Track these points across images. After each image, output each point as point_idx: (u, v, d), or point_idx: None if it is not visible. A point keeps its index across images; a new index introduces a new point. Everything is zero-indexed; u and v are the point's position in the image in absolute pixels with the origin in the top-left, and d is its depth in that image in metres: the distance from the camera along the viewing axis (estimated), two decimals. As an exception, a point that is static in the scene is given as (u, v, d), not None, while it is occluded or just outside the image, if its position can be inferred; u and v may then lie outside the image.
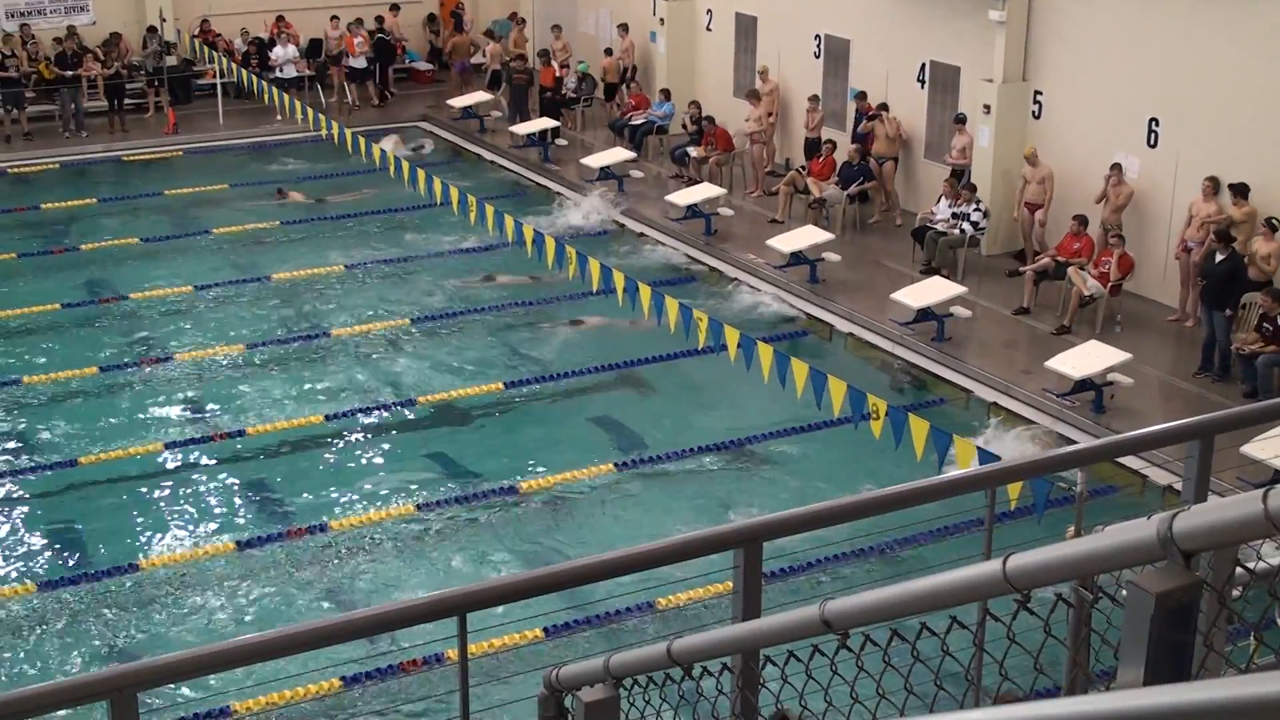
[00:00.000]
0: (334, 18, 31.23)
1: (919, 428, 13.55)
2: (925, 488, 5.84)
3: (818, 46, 25.33)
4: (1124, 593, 3.04)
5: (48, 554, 14.71)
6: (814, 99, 24.73)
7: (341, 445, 17.07)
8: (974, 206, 20.91)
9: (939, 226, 21.14)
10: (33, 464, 16.34)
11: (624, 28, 29.27)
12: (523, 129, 28.21)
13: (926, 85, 23.20)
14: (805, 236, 21.54)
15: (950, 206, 21.14)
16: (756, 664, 4.63)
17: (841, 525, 7.46)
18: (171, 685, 10.38)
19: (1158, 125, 19.41)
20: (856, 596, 3.38)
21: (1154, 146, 19.48)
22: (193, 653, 4.84)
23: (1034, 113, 21.29)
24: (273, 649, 4.91)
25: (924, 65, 23.17)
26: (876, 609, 3.27)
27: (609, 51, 29.57)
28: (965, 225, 20.88)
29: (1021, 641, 3.48)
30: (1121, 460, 13.86)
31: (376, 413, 17.75)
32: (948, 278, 20.05)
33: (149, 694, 9.01)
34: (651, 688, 4.51)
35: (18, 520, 15.37)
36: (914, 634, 3.65)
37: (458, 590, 5.26)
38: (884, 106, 23.26)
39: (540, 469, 16.21)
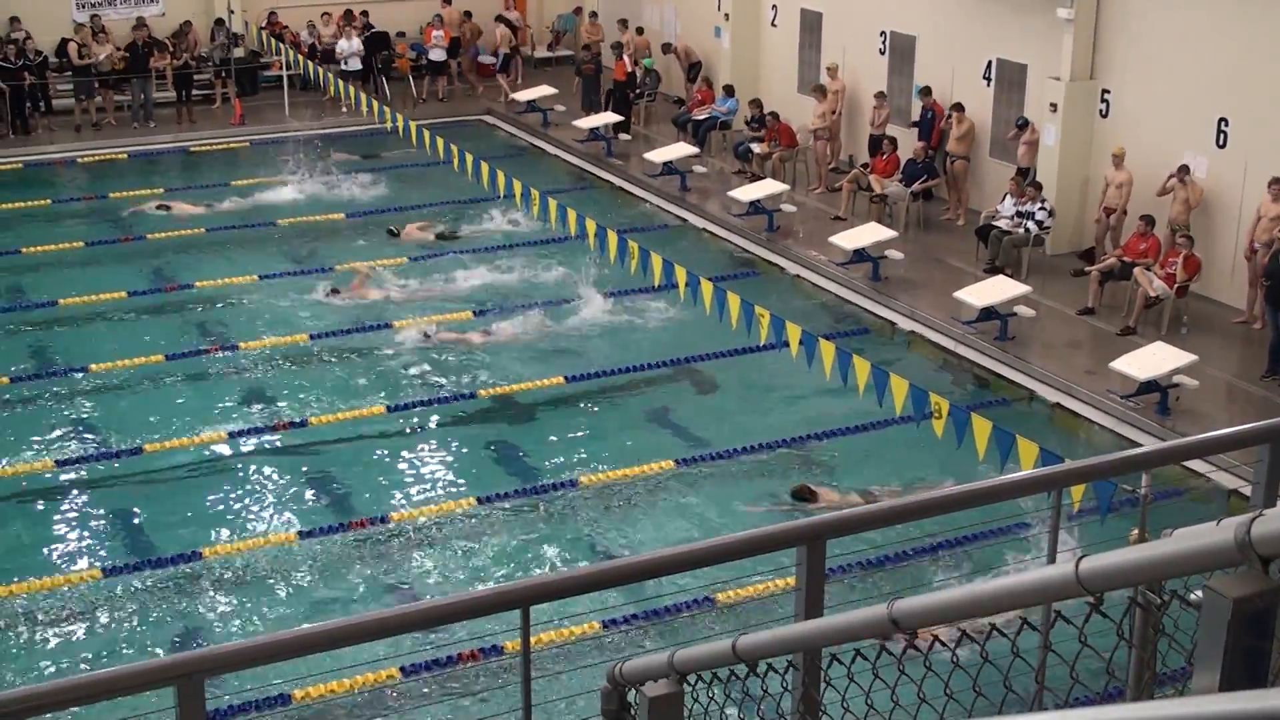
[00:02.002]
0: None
1: (981, 427, 13.46)
2: (992, 488, 5.80)
3: (883, 43, 25.22)
4: (1194, 596, 3.01)
5: (112, 540, 14.86)
6: (880, 95, 24.62)
7: (403, 437, 17.15)
8: (1039, 205, 20.76)
9: (1003, 225, 21.00)
10: (98, 451, 16.52)
11: (674, 36, 29.34)
12: (586, 123, 28.24)
13: (993, 83, 23.04)
14: (868, 234, 21.45)
15: (1015, 205, 20.99)
16: (818, 662, 4.62)
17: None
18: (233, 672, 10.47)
19: (1227, 125, 19.19)
20: (926, 596, 3.36)
21: (1223, 147, 19.26)
22: (260, 640, 4.88)
23: (1101, 111, 21.10)
24: (339, 638, 4.93)
25: (990, 63, 23.02)
26: (946, 609, 3.25)
27: (668, 48, 29.62)
28: (1030, 224, 20.73)
29: (1086, 645, 3.46)
30: (1186, 463, 13.73)
31: (438, 405, 17.82)
32: (1011, 277, 19.92)
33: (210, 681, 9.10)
34: (716, 684, 4.51)
35: (84, 506, 15.54)
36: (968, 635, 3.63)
37: (522, 583, 5.29)
38: (959, 106, 23.06)
39: (600, 463, 16.23)
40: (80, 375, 18.36)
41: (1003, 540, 13.83)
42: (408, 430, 17.31)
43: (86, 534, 15.03)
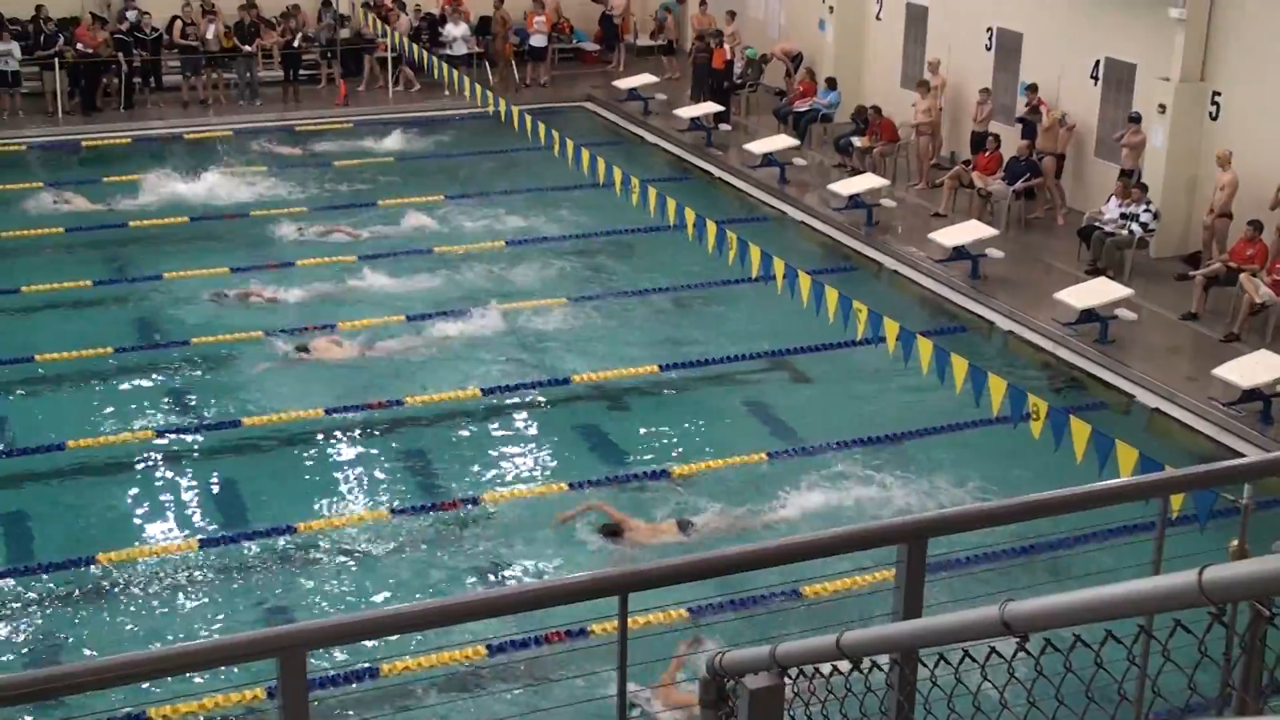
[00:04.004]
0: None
1: (1080, 431, 13.29)
2: (1096, 492, 5.74)
3: (989, 39, 24.97)
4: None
5: (210, 512, 15.08)
6: (984, 92, 24.39)
7: (496, 420, 17.25)
8: (1144, 207, 20.47)
9: (1107, 226, 20.73)
10: (198, 423, 16.76)
11: (780, 33, 29.27)
12: (687, 112, 28.22)
13: (1100, 82, 22.74)
14: (968, 231, 21.27)
15: (1120, 206, 20.71)
16: (916, 661, 4.59)
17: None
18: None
19: (1342, 131, 18.81)
20: (1041, 600, 3.33)
21: (1337, 153, 18.89)
22: (362, 616, 4.96)
23: (1211, 114, 20.76)
24: (438, 617, 4.98)
25: (1098, 62, 22.71)
26: (1061, 613, 3.22)
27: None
28: (1134, 226, 20.45)
29: (1179, 659, 3.41)
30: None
31: (531, 390, 17.90)
32: (1114, 279, 19.65)
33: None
34: (817, 678, 4.50)
35: (183, 478, 15.77)
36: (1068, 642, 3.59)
37: (621, 570, 5.30)
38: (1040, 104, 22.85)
39: (693, 454, 16.22)
40: (185, 347, 18.62)
41: (1094, 547, 13.60)
42: (500, 413, 17.39)
43: (183, 505, 15.26)
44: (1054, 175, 22.94)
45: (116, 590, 13.55)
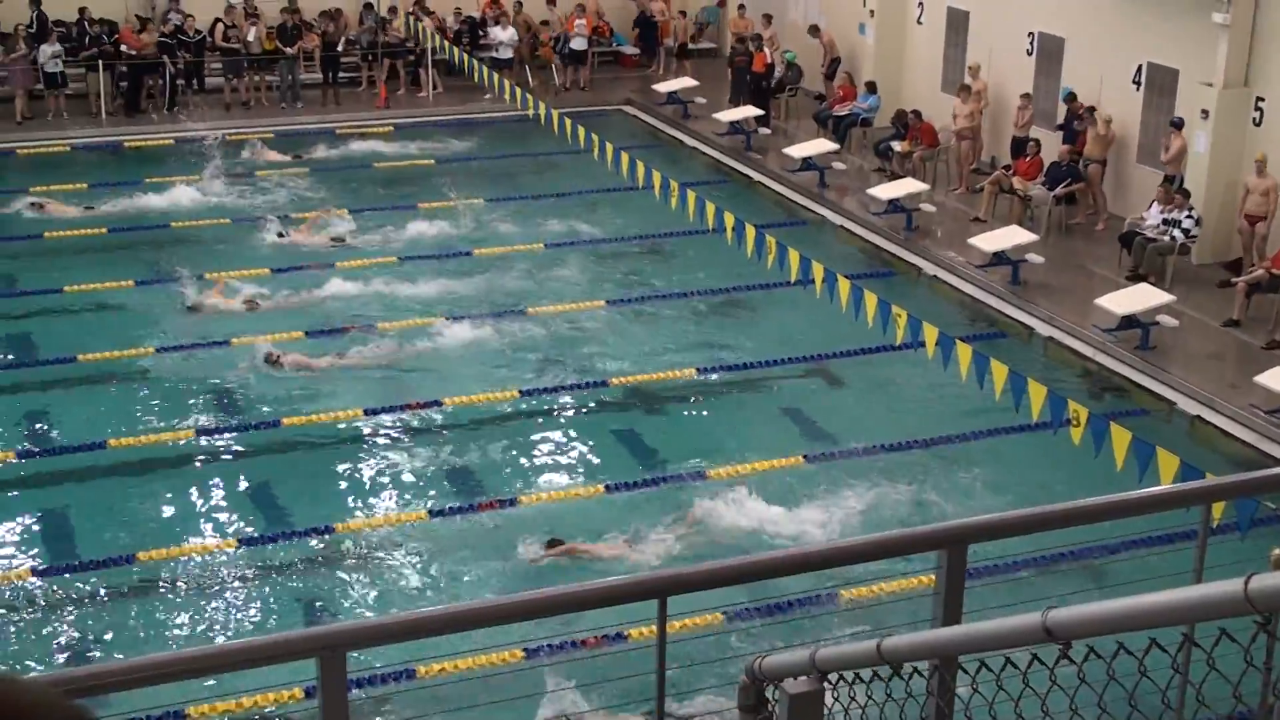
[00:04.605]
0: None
1: (1120, 438, 13.23)
2: (1139, 500, 5.71)
3: (1030, 44, 24.87)
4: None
5: (248, 512, 15.16)
6: (1026, 97, 24.28)
7: (534, 422, 17.28)
8: (1186, 213, 20.34)
9: (1148, 232, 20.61)
10: (237, 423, 16.84)
11: (816, 28, 29.16)
12: (726, 116, 28.21)
13: (1142, 87, 22.61)
14: (1008, 236, 21.18)
15: (1162, 212, 20.58)
16: (955, 667, 4.58)
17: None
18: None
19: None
20: (1084, 607, 3.32)
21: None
22: (401, 616, 4.97)
23: (1255, 120, 20.61)
24: (480, 618, 4.99)
25: (1140, 67, 22.58)
26: (1105, 621, 3.20)
27: (815, 30, 29.41)
28: (1176, 232, 20.32)
29: (1225, 668, 3.39)
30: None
31: (569, 392, 17.93)
32: (1155, 285, 19.53)
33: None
34: (858, 684, 4.49)
35: (222, 477, 15.87)
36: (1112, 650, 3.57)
37: (660, 573, 5.31)
38: (1090, 110, 22.68)
39: (729, 457, 16.21)
40: (224, 348, 18.71)
41: (1130, 555, 13.49)
42: (538, 415, 17.43)
43: (222, 505, 15.35)
44: (1099, 181, 22.81)
45: (155, 589, 13.64)
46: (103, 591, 13.54)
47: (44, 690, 1.96)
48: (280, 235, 22.79)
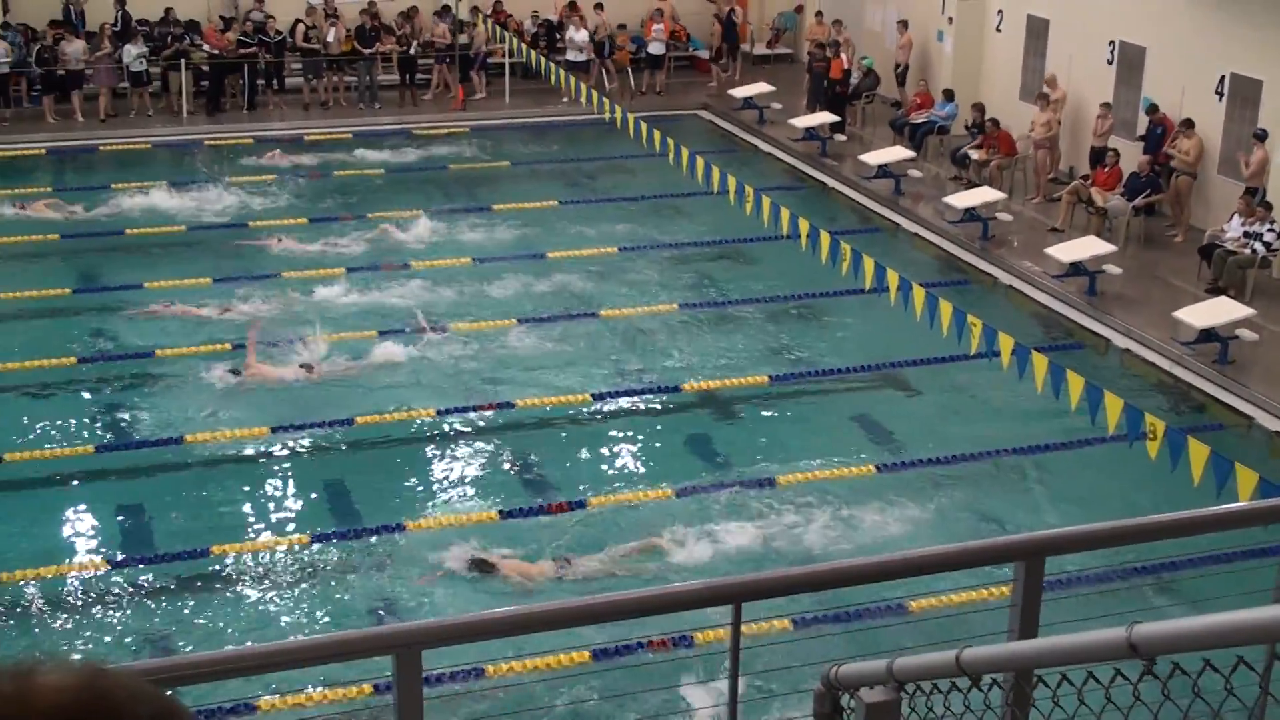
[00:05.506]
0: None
1: (1198, 452, 13.07)
2: (1221, 515, 5.64)
3: (1111, 53, 24.63)
4: None
5: (318, 508, 15.28)
6: (1105, 106, 24.05)
7: (606, 425, 17.32)
8: (1268, 226, 20.06)
9: (1229, 245, 20.35)
10: (312, 421, 16.97)
11: (903, 24, 29.01)
12: (802, 122, 28.14)
13: (1225, 98, 22.33)
14: (1086, 247, 20.98)
15: (1243, 225, 20.32)
16: (1030, 680, 4.54)
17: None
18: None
19: None
20: (1170, 623, 3.27)
21: None
22: (477, 616, 4.99)
23: (1341, 132, 20.32)
24: (556, 619, 5.01)
25: (1223, 77, 22.31)
26: (1192, 637, 3.16)
27: (904, 25, 29.24)
28: (1257, 245, 20.05)
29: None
30: None
31: (641, 396, 17.95)
32: (1235, 298, 19.28)
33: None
34: (935, 694, 4.46)
35: (295, 474, 16.01)
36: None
37: (735, 579, 5.30)
38: (1188, 123, 22.35)
39: (801, 464, 16.15)
40: (301, 346, 18.86)
41: (1199, 571, 13.28)
42: (610, 418, 17.46)
43: (295, 501, 15.50)
44: (1189, 193, 22.51)
45: (228, 582, 13.77)
46: (177, 583, 13.70)
47: (137, 681, 1.97)
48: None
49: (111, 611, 13.32)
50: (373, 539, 14.46)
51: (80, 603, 13.42)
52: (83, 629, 13.07)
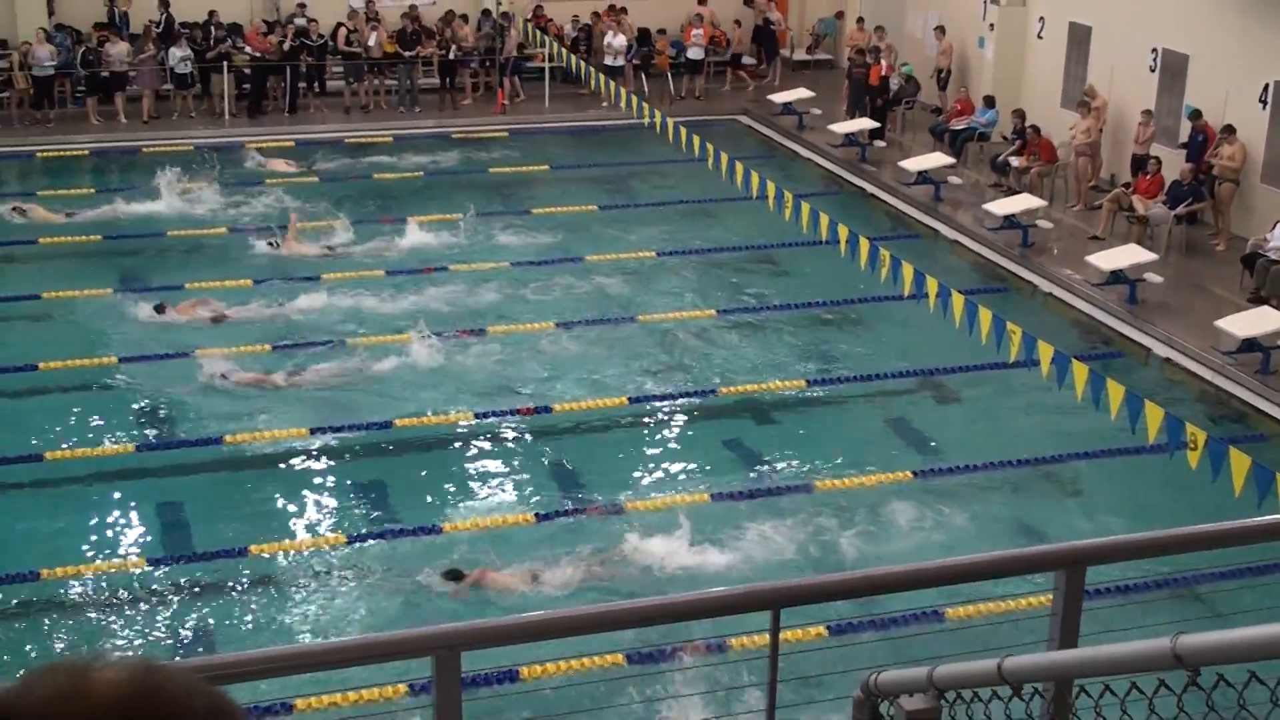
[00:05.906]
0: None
1: (1239, 462, 12.97)
2: (1265, 526, 5.60)
3: (1154, 60, 24.49)
4: None
5: (356, 509, 15.34)
6: (1147, 114, 23.91)
7: (642, 429, 17.32)
8: (1312, 236, 19.92)
9: (1272, 254, 20.20)
10: (350, 423, 17.03)
11: (940, 30, 28.95)
12: (841, 128, 28.09)
13: (1269, 106, 22.17)
14: (1127, 255, 20.87)
15: (1286, 234, 20.18)
16: (1071, 690, 4.52)
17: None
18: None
19: None
20: (1216, 634, 3.26)
21: None
22: (517, 619, 5.00)
23: (1386, 141, 20.14)
24: (594, 623, 5.02)
25: (1268, 85, 22.15)
26: (1239, 649, 3.14)
27: (940, 30, 29.19)
28: (1301, 255, 19.91)
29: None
30: None
31: (678, 400, 17.95)
32: (1277, 308, 19.14)
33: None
34: (976, 703, 4.45)
35: (334, 476, 16.08)
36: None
37: (774, 584, 5.29)
38: (1229, 129, 22.21)
39: (837, 470, 16.12)
40: (338, 348, 18.93)
41: (1235, 583, 13.16)
42: (646, 423, 17.47)
43: (335, 501, 15.56)
44: (1230, 201, 22.37)
45: (266, 582, 13.84)
46: (216, 582, 13.78)
47: (190, 677, 1.99)
48: (271, 245, 22.64)
49: (151, 609, 13.41)
50: (409, 540, 14.50)
51: (120, 600, 13.51)
52: (123, 626, 13.17)
